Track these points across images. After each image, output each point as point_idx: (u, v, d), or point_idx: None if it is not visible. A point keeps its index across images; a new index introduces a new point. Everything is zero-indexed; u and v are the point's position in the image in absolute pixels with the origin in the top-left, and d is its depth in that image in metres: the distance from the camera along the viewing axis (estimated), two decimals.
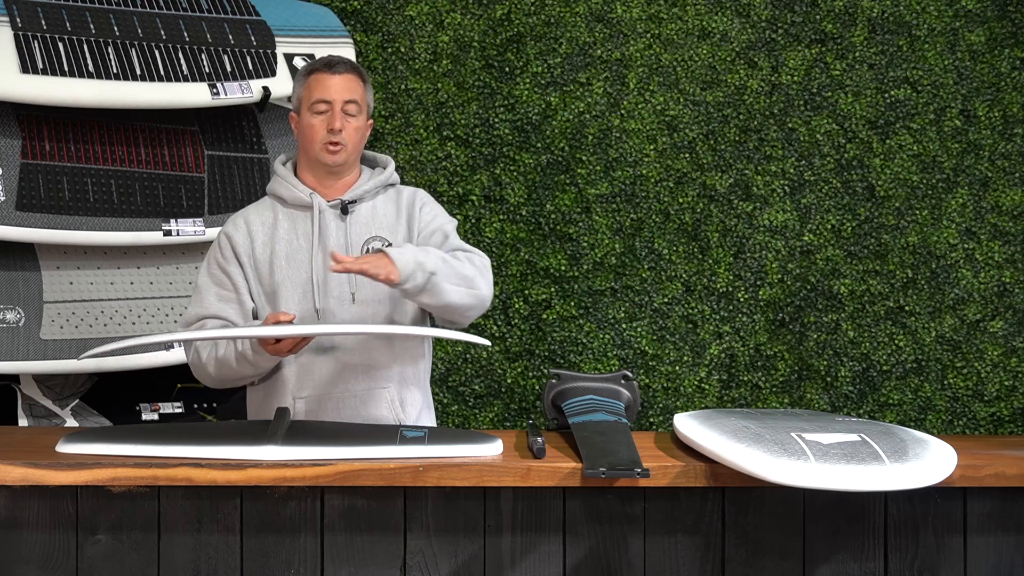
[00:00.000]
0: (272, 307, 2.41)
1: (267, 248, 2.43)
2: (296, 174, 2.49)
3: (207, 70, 3.12)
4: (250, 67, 3.19)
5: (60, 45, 2.97)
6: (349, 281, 2.40)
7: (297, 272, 2.40)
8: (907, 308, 3.78)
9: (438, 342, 3.57)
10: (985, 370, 3.78)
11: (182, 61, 3.10)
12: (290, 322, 2.23)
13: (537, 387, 3.67)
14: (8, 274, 2.94)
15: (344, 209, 2.44)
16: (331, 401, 2.39)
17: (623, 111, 3.72)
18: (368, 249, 2.42)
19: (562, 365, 3.68)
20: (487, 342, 2.19)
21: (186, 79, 3.08)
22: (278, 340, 2.23)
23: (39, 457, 1.98)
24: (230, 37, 3.22)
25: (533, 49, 3.69)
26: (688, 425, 2.17)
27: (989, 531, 2.10)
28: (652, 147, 3.73)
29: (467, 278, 2.36)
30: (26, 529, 1.98)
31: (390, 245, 2.42)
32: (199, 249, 3.18)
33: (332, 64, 2.43)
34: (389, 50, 3.65)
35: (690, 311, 3.73)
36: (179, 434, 2.11)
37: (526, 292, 3.68)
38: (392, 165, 2.54)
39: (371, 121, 2.50)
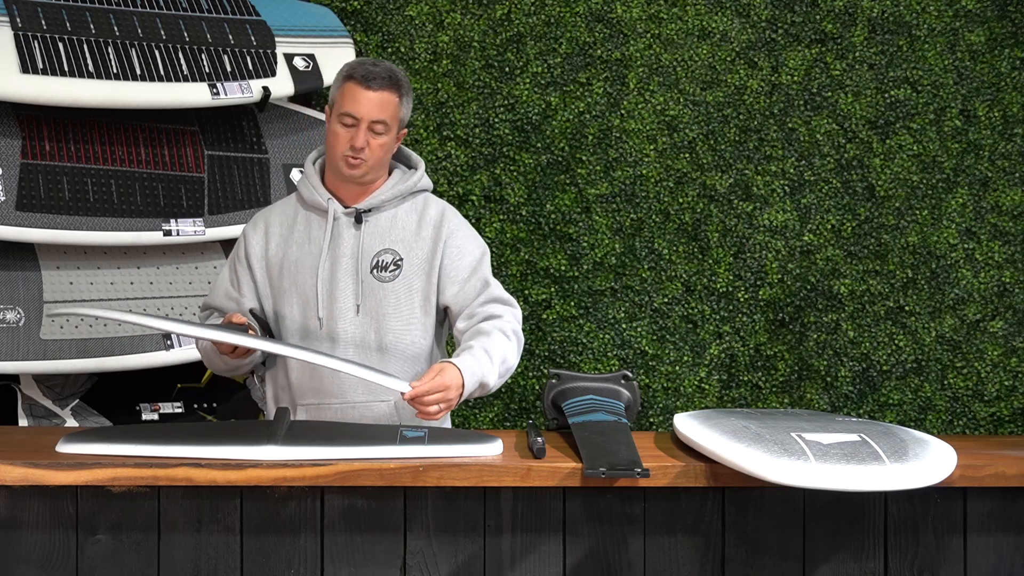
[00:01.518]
0: (277, 310, 2.40)
1: (280, 251, 2.40)
2: (323, 172, 2.45)
3: (207, 70, 3.12)
4: (250, 67, 3.19)
5: (60, 45, 2.97)
6: (355, 292, 2.37)
7: (304, 278, 2.38)
8: (907, 308, 3.78)
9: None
10: (985, 370, 3.78)
11: (182, 61, 3.10)
12: (242, 325, 2.24)
13: (537, 387, 3.67)
14: (8, 274, 2.94)
15: (358, 218, 2.39)
16: (330, 411, 2.37)
17: (623, 111, 3.72)
18: (379, 262, 2.38)
19: (562, 365, 3.68)
20: (406, 388, 2.16)
21: (186, 79, 3.08)
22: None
23: (39, 457, 1.98)
24: (230, 37, 3.22)
25: (533, 49, 3.69)
26: (688, 425, 2.17)
27: (989, 531, 2.10)
28: (652, 147, 3.73)
29: (509, 368, 2.38)
30: (26, 529, 1.98)
31: (401, 260, 2.39)
32: (199, 249, 3.18)
33: (370, 78, 2.33)
34: (389, 50, 3.65)
35: (690, 311, 3.73)
36: (179, 434, 2.11)
37: (526, 292, 3.68)
38: (421, 169, 2.46)
39: (404, 131, 2.42)
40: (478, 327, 2.38)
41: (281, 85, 3.21)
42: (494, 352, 2.31)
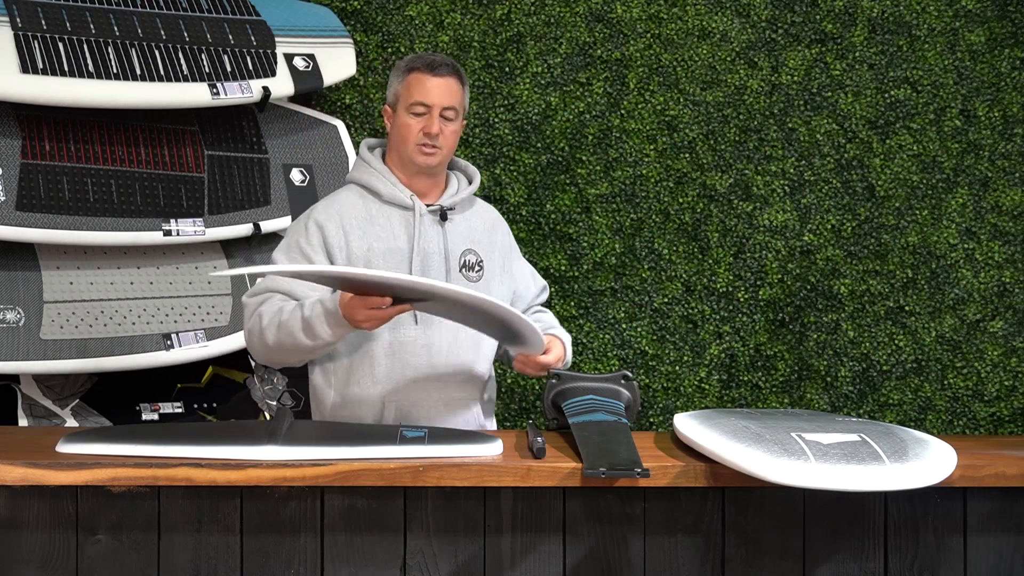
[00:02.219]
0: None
1: (364, 243, 2.36)
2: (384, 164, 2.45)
3: (207, 70, 3.12)
4: (250, 67, 3.19)
5: (60, 45, 2.97)
6: None
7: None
8: (907, 308, 3.78)
9: None
10: (985, 370, 3.77)
11: (182, 61, 3.10)
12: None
13: (537, 387, 3.67)
14: (8, 274, 2.94)
15: (443, 216, 2.41)
16: (422, 408, 2.36)
17: (623, 111, 3.72)
18: (466, 261, 2.42)
19: None
20: (540, 349, 2.35)
21: (186, 79, 3.08)
22: (380, 304, 2.08)
23: (39, 457, 1.98)
24: (230, 37, 3.22)
25: (533, 49, 3.69)
26: (688, 425, 2.17)
27: (989, 531, 2.10)
28: (652, 147, 3.73)
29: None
30: (26, 529, 1.98)
31: (482, 261, 2.44)
32: (199, 249, 3.18)
33: (434, 66, 2.36)
34: (389, 50, 3.65)
35: (690, 311, 3.73)
36: (179, 434, 2.11)
37: None
38: (478, 179, 2.52)
39: (464, 121, 2.46)
40: (538, 315, 2.60)
41: (281, 85, 3.21)
42: (566, 340, 2.52)
